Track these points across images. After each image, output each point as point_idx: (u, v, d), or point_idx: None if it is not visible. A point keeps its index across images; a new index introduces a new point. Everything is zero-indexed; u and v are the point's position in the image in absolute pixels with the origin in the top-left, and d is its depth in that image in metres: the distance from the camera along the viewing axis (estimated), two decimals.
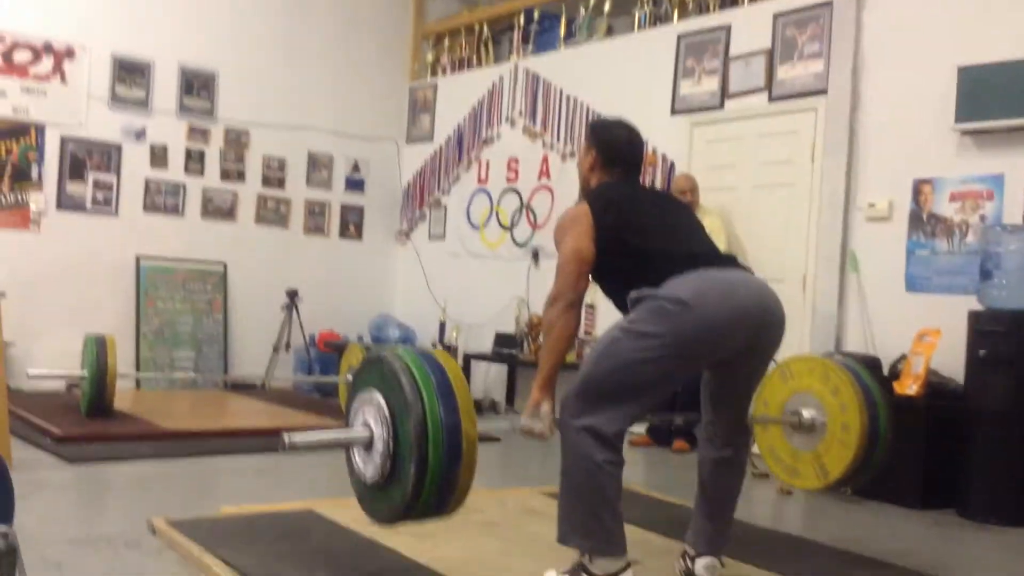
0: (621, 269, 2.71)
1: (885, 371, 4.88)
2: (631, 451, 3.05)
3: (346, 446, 2.60)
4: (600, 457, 2.54)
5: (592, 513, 2.56)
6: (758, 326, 2.67)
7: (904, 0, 5.26)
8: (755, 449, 4.81)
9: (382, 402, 2.46)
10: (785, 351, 5.17)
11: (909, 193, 5.10)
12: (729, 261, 2.80)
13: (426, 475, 2.35)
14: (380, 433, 2.45)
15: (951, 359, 4.59)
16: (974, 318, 4.44)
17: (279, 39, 8.07)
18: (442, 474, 2.37)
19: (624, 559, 2.58)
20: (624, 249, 2.70)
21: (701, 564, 2.88)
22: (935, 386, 4.60)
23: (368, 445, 2.50)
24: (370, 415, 2.50)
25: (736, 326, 2.60)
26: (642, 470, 5.13)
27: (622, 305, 2.75)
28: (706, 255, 2.74)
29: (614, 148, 2.93)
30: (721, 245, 5.23)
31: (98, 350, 5.23)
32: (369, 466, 2.51)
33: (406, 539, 3.20)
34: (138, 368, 7.16)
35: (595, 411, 2.56)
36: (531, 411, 2.71)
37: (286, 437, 2.46)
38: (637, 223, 2.73)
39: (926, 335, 4.63)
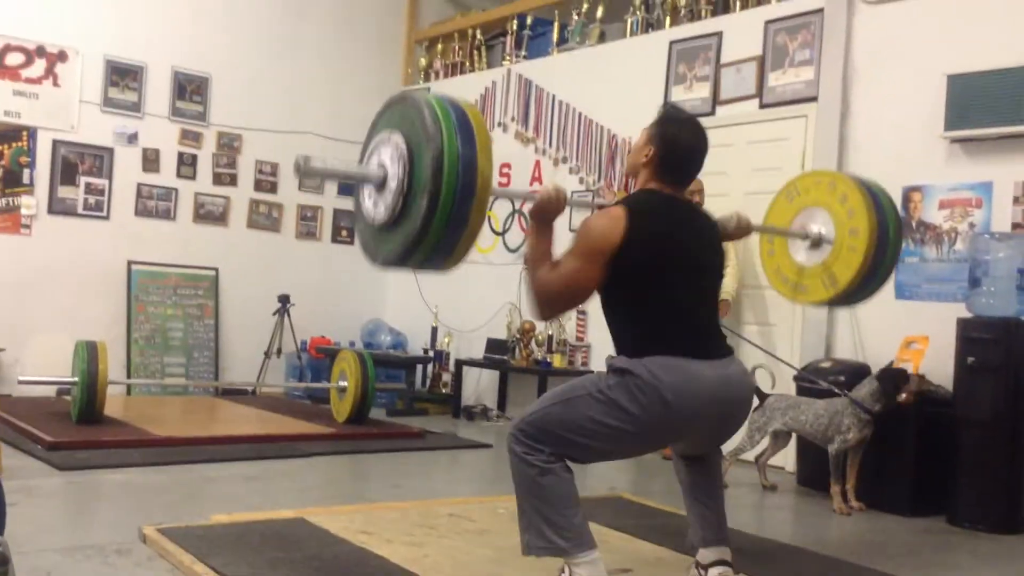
0: (626, 309, 2.69)
1: None
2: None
3: (359, 182, 2.66)
4: (541, 463, 2.57)
5: (549, 515, 2.55)
6: (725, 417, 2.72)
7: (894, 8, 5.28)
8: (770, 460, 4.90)
9: (400, 141, 2.50)
10: (778, 355, 5.22)
11: (899, 200, 5.11)
12: (720, 347, 2.74)
13: (437, 210, 2.38)
14: (395, 172, 2.49)
15: (940, 366, 4.61)
16: (962, 325, 4.46)
17: (272, 43, 8.07)
18: (453, 210, 2.39)
19: (595, 551, 2.57)
20: (639, 293, 2.64)
21: (714, 574, 2.86)
22: (924, 393, 4.61)
23: (381, 184, 2.54)
24: (386, 155, 2.55)
25: (704, 420, 2.65)
26: (632, 478, 5.13)
27: (612, 328, 2.75)
28: (705, 338, 2.70)
29: (676, 154, 2.75)
30: (733, 283, 5.30)
31: (89, 356, 5.21)
32: (380, 206, 2.55)
33: (397, 547, 3.21)
34: (129, 374, 7.15)
35: (537, 440, 2.60)
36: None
37: (301, 160, 2.53)
38: (668, 279, 2.64)
39: (914, 342, 4.65)
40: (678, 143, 2.75)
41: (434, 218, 2.38)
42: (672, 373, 2.55)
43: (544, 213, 2.71)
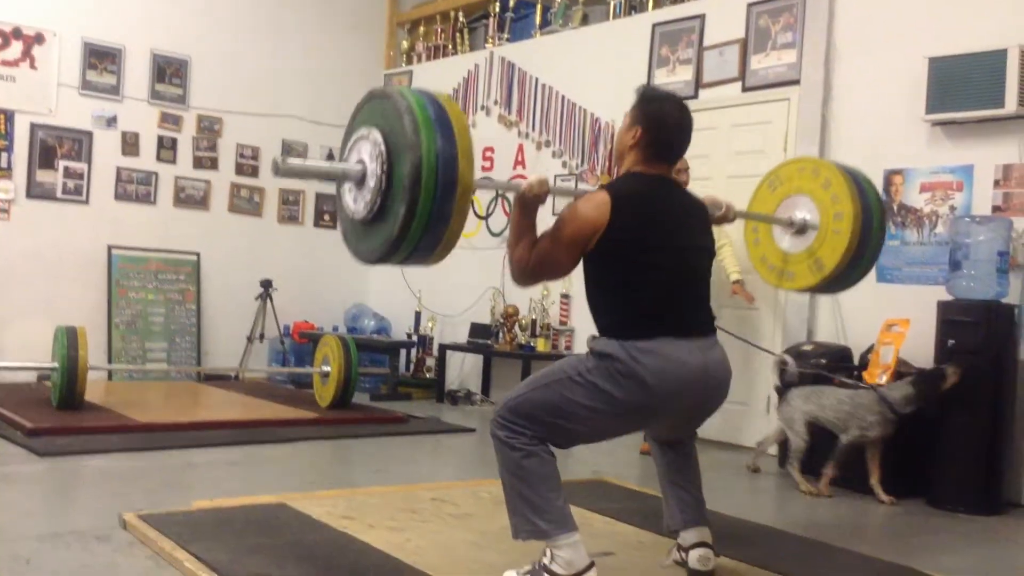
0: (610, 290, 2.69)
1: (855, 360, 4.93)
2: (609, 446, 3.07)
3: (338, 179, 2.63)
4: (523, 446, 2.57)
5: (532, 498, 2.55)
6: (703, 401, 2.73)
7: None
8: (758, 437, 4.89)
9: (380, 140, 2.48)
10: (760, 339, 5.23)
11: (880, 184, 5.12)
12: (704, 325, 2.74)
13: (415, 217, 2.38)
14: (374, 170, 2.47)
15: (921, 349, 4.64)
16: (943, 308, 4.49)
17: (253, 26, 7.99)
18: (432, 216, 2.39)
19: (576, 533, 2.58)
20: (623, 275, 2.65)
21: (695, 556, 2.87)
22: (905, 376, 4.64)
23: (360, 181, 2.53)
24: (365, 152, 2.53)
25: (683, 402, 2.66)
26: (614, 461, 5.15)
27: (595, 308, 2.76)
28: (690, 317, 2.69)
29: (662, 130, 2.73)
30: (735, 261, 5.25)
31: (68, 341, 5.17)
32: (360, 202, 2.54)
33: (380, 532, 3.20)
34: (110, 359, 7.10)
35: (519, 424, 2.60)
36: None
37: (279, 159, 2.53)
38: (652, 262, 2.64)
39: (894, 325, 4.67)
40: (664, 120, 2.74)
41: (412, 223, 2.39)
42: (653, 357, 2.55)
43: (526, 203, 2.72)
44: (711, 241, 2.90)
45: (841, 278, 3.45)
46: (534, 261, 2.68)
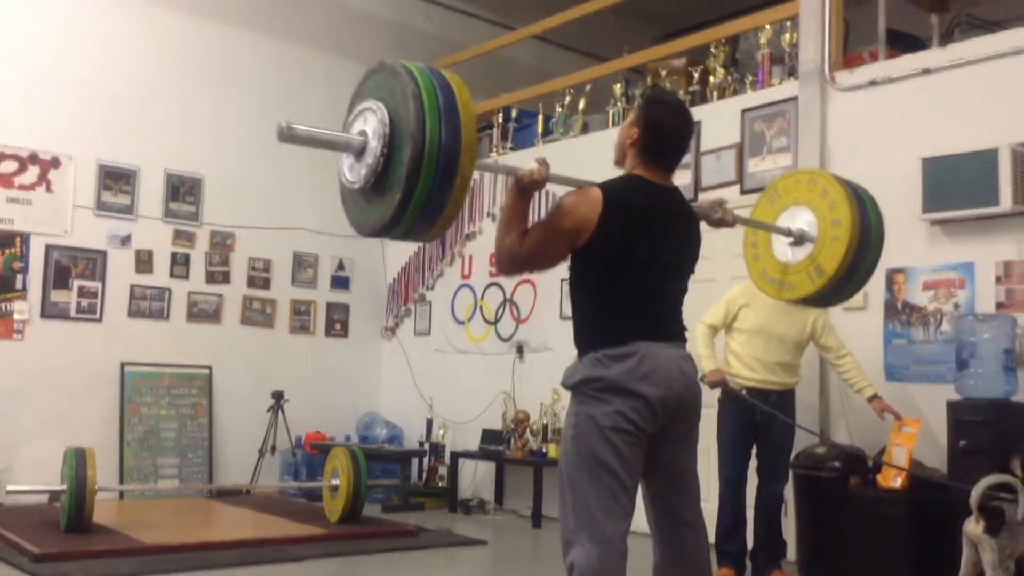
0: (591, 293, 2.70)
1: (869, 463, 4.86)
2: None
3: (341, 147, 2.65)
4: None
5: None
6: (679, 407, 2.67)
7: (866, 94, 5.39)
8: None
9: (385, 118, 2.48)
10: None
11: (883, 282, 5.14)
12: (677, 336, 2.75)
13: (410, 203, 2.40)
14: (374, 147, 2.48)
15: (933, 448, 4.58)
16: (953, 408, 4.44)
17: (263, 142, 8.07)
18: (427, 202, 2.41)
19: None
20: (604, 279, 2.67)
21: None
22: (919, 478, 4.57)
23: (360, 153, 2.54)
24: (369, 126, 2.53)
25: (665, 404, 2.62)
26: None
27: (576, 312, 2.77)
28: (664, 326, 2.71)
29: (660, 136, 2.75)
30: (862, 382, 4.89)
31: (77, 463, 5.18)
32: (355, 173, 2.57)
33: None
34: (122, 478, 7.08)
35: (581, 529, 2.55)
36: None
37: (283, 123, 2.57)
38: (634, 269, 2.66)
39: (905, 425, 4.62)
40: (662, 125, 2.75)
41: (407, 209, 2.43)
42: (625, 361, 2.57)
43: (524, 187, 2.72)
44: (696, 252, 2.89)
45: (840, 284, 3.41)
46: (526, 250, 2.68)
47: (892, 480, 4.54)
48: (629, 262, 2.65)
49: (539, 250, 2.68)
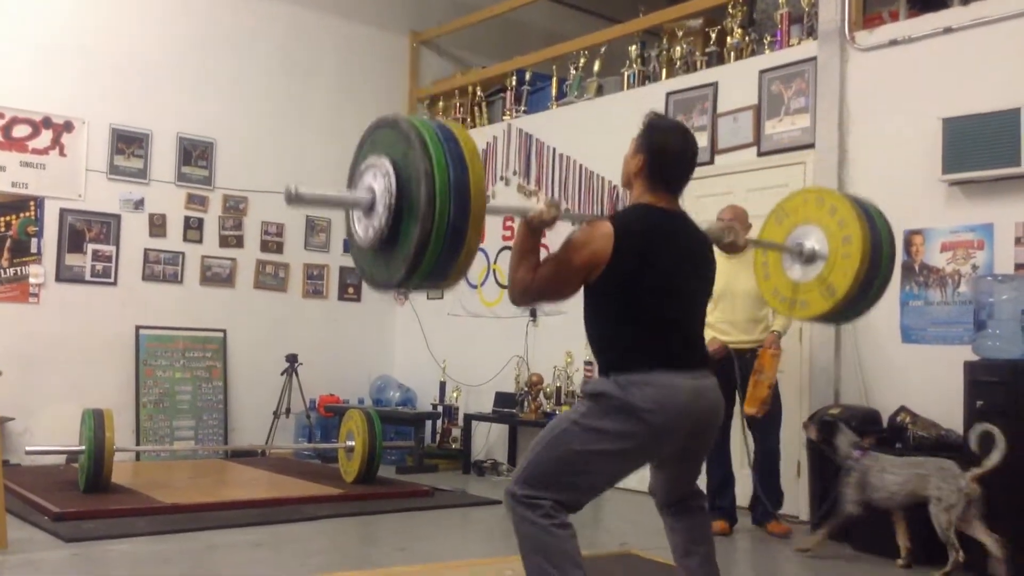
0: (608, 323, 2.71)
1: (884, 423, 4.86)
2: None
3: (348, 207, 2.64)
4: (541, 519, 2.56)
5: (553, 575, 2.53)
6: (697, 421, 2.70)
7: (886, 54, 5.32)
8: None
9: (390, 168, 2.48)
10: (786, 403, 5.18)
11: (900, 244, 5.10)
12: (696, 362, 2.76)
13: (415, 272, 2.43)
14: (384, 197, 2.48)
15: (950, 410, 4.57)
16: (970, 369, 4.43)
17: (276, 106, 8.17)
18: (432, 272, 2.44)
19: None
20: (621, 308, 2.68)
21: None
22: (937, 439, 4.57)
23: (369, 209, 2.54)
24: (375, 180, 2.53)
25: (679, 433, 2.65)
26: (641, 531, 5.07)
27: (594, 341, 2.78)
28: (682, 353, 2.71)
29: (665, 158, 2.77)
30: (754, 306, 5.05)
31: (95, 424, 5.22)
32: (368, 230, 2.55)
33: None
34: (138, 439, 7.14)
35: (535, 495, 2.59)
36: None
37: (291, 187, 2.54)
38: (651, 296, 2.66)
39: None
40: (667, 149, 2.77)
41: (428, 247, 2.41)
42: (644, 387, 2.58)
43: (534, 227, 2.73)
44: (711, 275, 2.91)
45: (854, 302, 3.40)
46: (538, 284, 2.70)
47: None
48: (644, 291, 2.66)
49: (551, 286, 2.72)
